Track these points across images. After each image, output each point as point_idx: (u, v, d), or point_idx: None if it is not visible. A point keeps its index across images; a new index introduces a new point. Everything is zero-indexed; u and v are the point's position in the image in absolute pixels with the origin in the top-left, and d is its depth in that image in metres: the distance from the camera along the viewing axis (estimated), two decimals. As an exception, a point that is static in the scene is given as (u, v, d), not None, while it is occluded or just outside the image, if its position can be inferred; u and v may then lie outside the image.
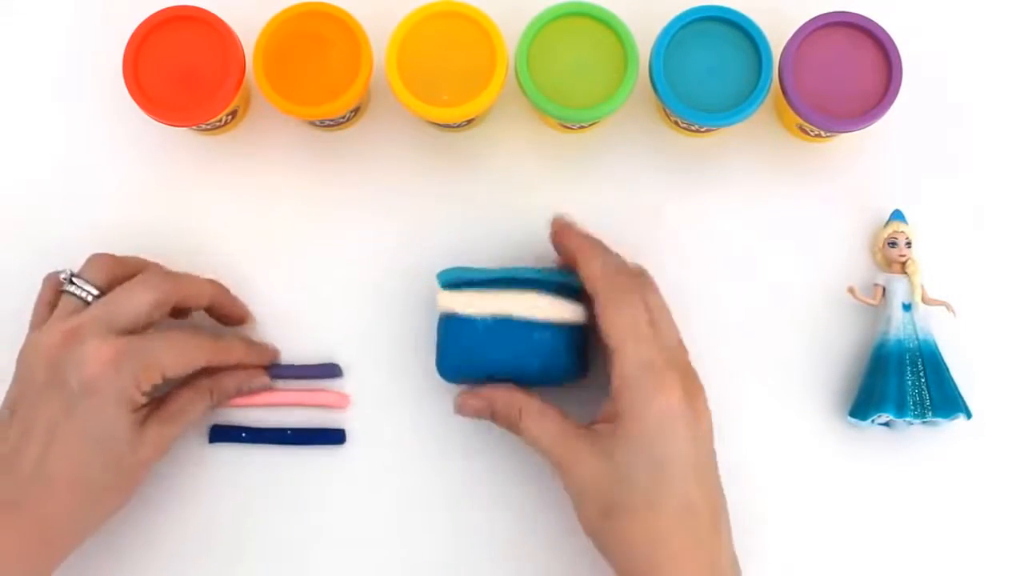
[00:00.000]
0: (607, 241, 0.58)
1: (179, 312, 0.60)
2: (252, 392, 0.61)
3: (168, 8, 0.60)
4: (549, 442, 0.55)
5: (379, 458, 0.62)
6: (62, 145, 0.65)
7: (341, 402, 0.62)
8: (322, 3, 0.60)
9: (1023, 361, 0.62)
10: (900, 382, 0.59)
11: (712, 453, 0.55)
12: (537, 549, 0.61)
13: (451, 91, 0.59)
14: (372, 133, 0.65)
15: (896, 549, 0.61)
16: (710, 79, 0.59)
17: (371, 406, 0.62)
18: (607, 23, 0.59)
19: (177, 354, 0.57)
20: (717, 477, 0.55)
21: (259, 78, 0.59)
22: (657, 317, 0.55)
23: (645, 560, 0.52)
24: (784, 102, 0.59)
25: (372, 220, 0.64)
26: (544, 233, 0.59)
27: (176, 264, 0.62)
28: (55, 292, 0.58)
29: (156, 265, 0.60)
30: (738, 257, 0.63)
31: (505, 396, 0.57)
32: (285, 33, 0.60)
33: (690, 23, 0.59)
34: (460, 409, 0.58)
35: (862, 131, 0.60)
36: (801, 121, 0.59)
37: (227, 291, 0.62)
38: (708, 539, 0.53)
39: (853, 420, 0.60)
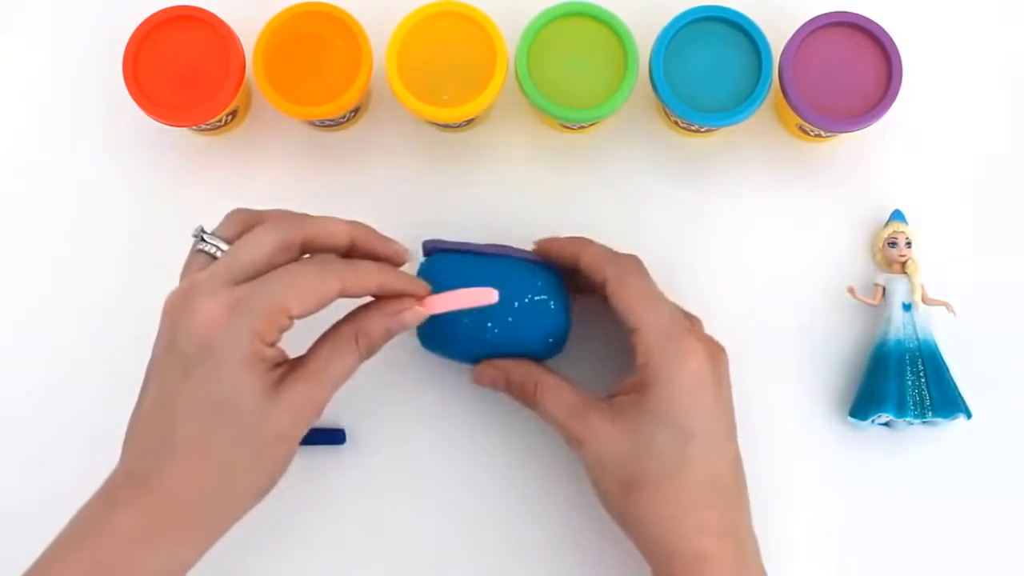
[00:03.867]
0: (606, 241, 0.58)
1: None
2: (404, 329, 0.53)
3: (168, 8, 0.60)
4: (565, 416, 0.54)
5: (379, 458, 0.62)
6: (62, 145, 0.65)
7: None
8: (322, 3, 0.60)
9: (1023, 361, 0.62)
10: (900, 382, 0.59)
11: (733, 418, 0.55)
12: (539, 548, 0.61)
13: (451, 91, 0.59)
14: (372, 133, 0.65)
15: (896, 549, 0.61)
16: (710, 79, 0.59)
17: (371, 406, 0.62)
18: (607, 23, 0.59)
19: (300, 288, 0.48)
20: (737, 445, 0.55)
21: (259, 78, 0.59)
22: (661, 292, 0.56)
23: (670, 534, 0.51)
24: (784, 102, 0.59)
25: (372, 220, 0.63)
26: (543, 234, 0.59)
27: (174, 264, 0.62)
28: (193, 254, 0.52)
29: (287, 210, 0.53)
30: (738, 257, 0.63)
31: (521, 369, 0.56)
32: (285, 33, 0.60)
33: (690, 23, 0.59)
34: (477, 378, 0.58)
35: (862, 131, 0.60)
36: (801, 121, 0.59)
37: (372, 229, 0.54)
38: (733, 511, 0.53)
39: (853, 420, 0.60)
